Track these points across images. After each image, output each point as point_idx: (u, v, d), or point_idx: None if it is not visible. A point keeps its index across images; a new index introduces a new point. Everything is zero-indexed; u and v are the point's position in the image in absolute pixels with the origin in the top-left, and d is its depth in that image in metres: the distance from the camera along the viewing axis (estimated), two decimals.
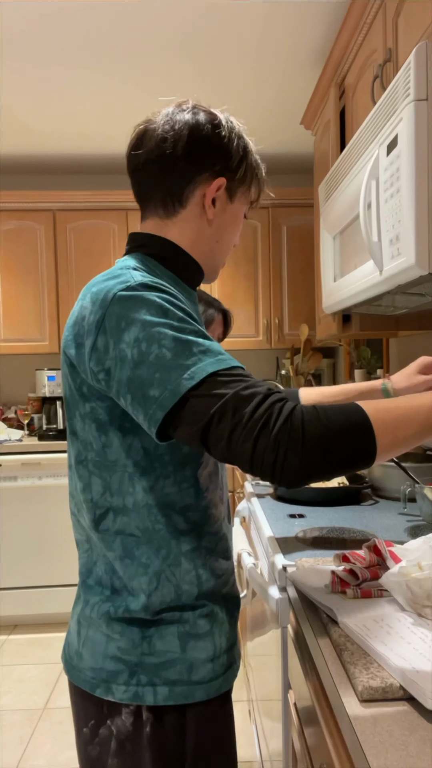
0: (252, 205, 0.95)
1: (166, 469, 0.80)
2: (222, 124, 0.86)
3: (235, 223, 0.93)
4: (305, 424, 0.68)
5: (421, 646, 0.70)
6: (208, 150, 0.85)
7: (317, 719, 0.77)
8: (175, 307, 0.75)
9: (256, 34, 2.12)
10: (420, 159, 1.09)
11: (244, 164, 0.88)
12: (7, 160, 3.35)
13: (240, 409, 0.68)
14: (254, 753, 1.80)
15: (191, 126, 0.84)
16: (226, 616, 0.88)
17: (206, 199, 0.86)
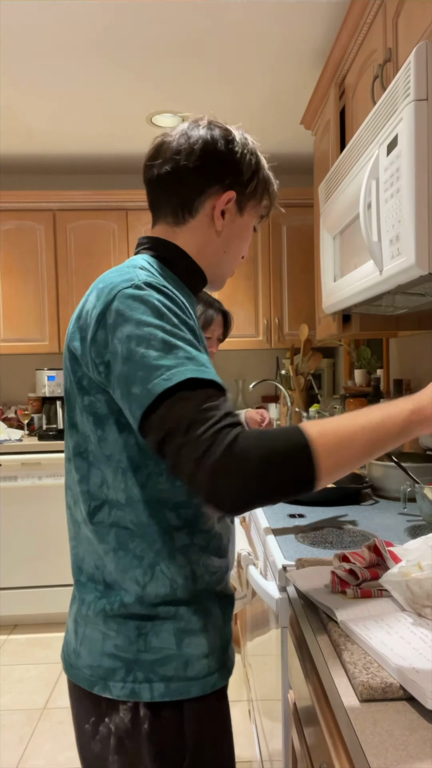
0: (262, 219, 0.99)
1: (159, 466, 0.81)
2: (236, 140, 0.89)
3: (243, 235, 0.96)
4: (244, 451, 0.69)
5: (420, 646, 0.70)
6: (220, 164, 0.88)
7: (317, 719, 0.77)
8: (173, 312, 0.78)
9: (256, 34, 2.12)
10: (420, 159, 1.09)
11: (255, 179, 0.92)
12: (7, 160, 3.35)
13: (192, 430, 0.69)
14: (254, 753, 1.80)
15: (205, 140, 0.88)
16: (220, 612, 0.89)
17: (216, 211, 0.90)
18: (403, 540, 1.19)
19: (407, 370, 2.40)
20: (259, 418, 2.25)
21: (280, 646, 1.12)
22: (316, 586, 0.91)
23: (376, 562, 0.94)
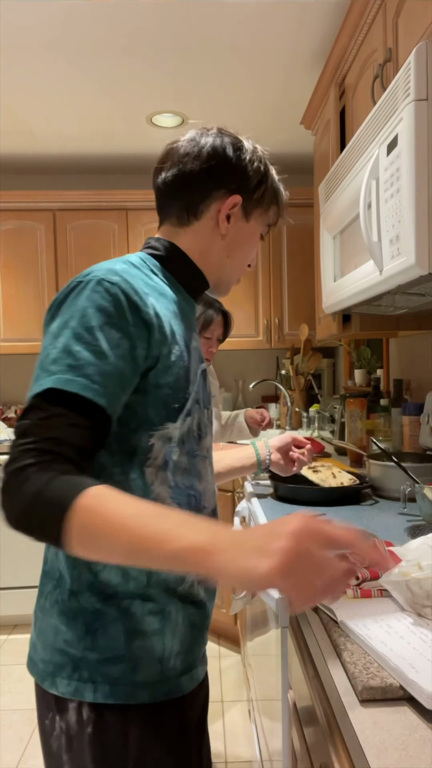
0: (270, 228, 0.99)
1: (113, 457, 0.79)
2: (244, 147, 0.91)
3: (249, 242, 0.95)
4: (24, 482, 0.64)
5: (420, 645, 0.70)
6: (227, 168, 0.89)
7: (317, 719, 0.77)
8: (106, 313, 0.74)
9: (256, 34, 2.12)
10: (420, 159, 1.08)
11: (262, 187, 0.92)
12: (7, 160, 3.35)
13: (18, 439, 0.68)
14: (254, 753, 1.80)
15: (213, 145, 0.89)
16: (183, 619, 0.85)
17: (221, 214, 0.90)
18: (403, 540, 1.19)
19: (407, 370, 2.40)
20: (259, 417, 2.25)
21: (280, 646, 1.12)
22: None
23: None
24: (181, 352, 0.82)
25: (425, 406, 1.88)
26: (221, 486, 2.65)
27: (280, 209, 0.97)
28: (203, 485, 0.89)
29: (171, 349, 0.81)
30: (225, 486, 2.70)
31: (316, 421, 3.06)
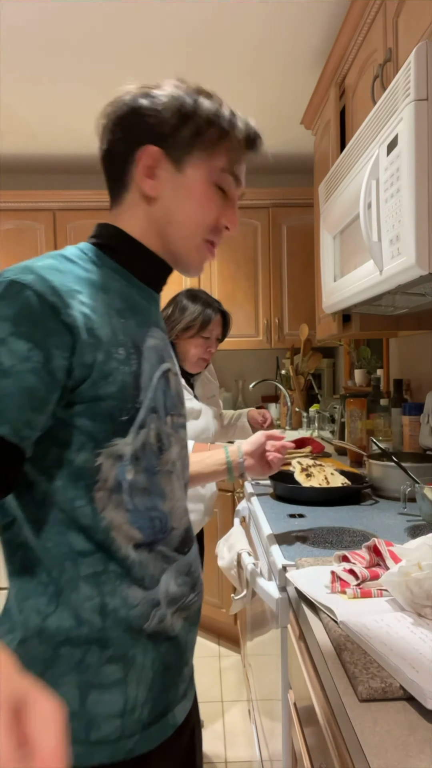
0: (233, 173, 0.80)
1: (55, 483, 0.69)
2: (154, 93, 0.76)
3: (192, 197, 0.78)
4: None
5: (420, 645, 0.70)
6: (139, 121, 0.75)
7: (317, 719, 0.77)
8: (4, 329, 0.63)
9: (256, 34, 2.12)
10: (420, 159, 1.09)
11: (188, 124, 0.75)
12: (7, 160, 3.35)
13: None
14: (254, 753, 1.80)
15: (124, 101, 0.77)
16: (152, 662, 0.74)
17: (138, 172, 0.77)
18: (403, 540, 1.19)
19: (407, 370, 2.40)
20: (261, 418, 2.24)
21: (279, 646, 1.12)
22: (316, 586, 0.91)
23: (376, 562, 0.94)
24: (126, 355, 0.71)
25: (425, 406, 1.88)
26: (220, 486, 2.65)
27: (235, 144, 0.78)
28: (169, 504, 0.78)
29: (110, 353, 0.69)
30: (225, 486, 2.70)
31: (316, 421, 3.07)
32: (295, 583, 0.95)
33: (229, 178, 0.80)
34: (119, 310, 0.74)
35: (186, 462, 0.87)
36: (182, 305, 1.80)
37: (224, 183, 0.80)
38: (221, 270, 3.33)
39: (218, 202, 0.80)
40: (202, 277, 3.32)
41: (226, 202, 0.81)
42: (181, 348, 1.81)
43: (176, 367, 0.86)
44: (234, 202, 0.82)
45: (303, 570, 0.99)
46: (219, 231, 0.82)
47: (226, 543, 1.63)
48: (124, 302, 0.76)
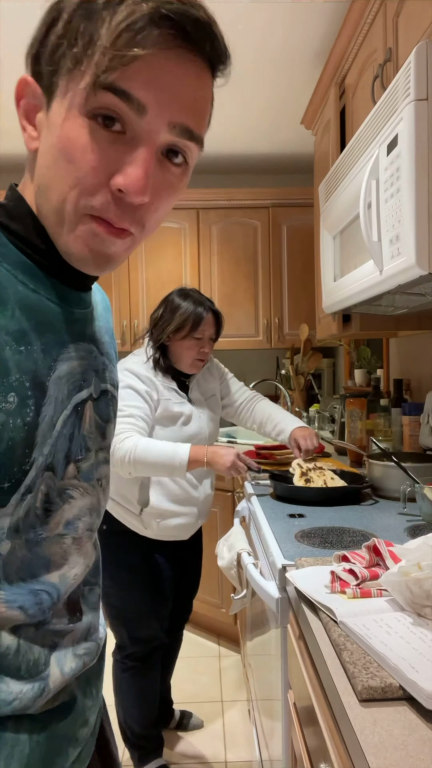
0: (110, 84, 0.48)
1: None
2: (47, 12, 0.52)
3: (56, 144, 0.51)
4: None
5: (420, 645, 0.70)
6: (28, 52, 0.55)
7: (317, 719, 0.77)
8: None
9: (257, 34, 2.12)
10: (420, 159, 1.08)
11: (50, 32, 0.52)
12: (8, 159, 3.35)
13: None
14: (254, 753, 1.80)
15: None
16: (27, 738, 0.58)
17: (20, 120, 0.55)
18: (403, 540, 1.19)
19: (407, 369, 2.40)
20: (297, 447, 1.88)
21: (279, 646, 1.12)
22: (316, 585, 0.91)
23: (376, 562, 0.94)
24: (19, 401, 0.51)
25: (425, 406, 1.88)
26: (220, 486, 2.65)
27: (110, 36, 0.47)
28: (58, 572, 0.61)
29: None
30: (225, 486, 2.70)
31: (316, 421, 3.07)
32: (294, 583, 0.95)
33: (105, 96, 0.48)
34: (18, 333, 0.52)
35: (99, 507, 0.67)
36: (173, 305, 1.74)
37: (103, 107, 0.49)
38: (221, 270, 3.33)
39: (101, 147, 0.50)
40: (202, 276, 3.32)
41: (121, 145, 0.51)
42: (174, 350, 1.75)
43: (107, 382, 0.67)
44: (138, 143, 0.50)
45: (303, 570, 0.99)
46: (111, 198, 0.51)
47: (225, 543, 1.63)
48: (29, 317, 0.53)
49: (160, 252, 3.30)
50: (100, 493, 0.66)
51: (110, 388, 0.68)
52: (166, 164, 0.54)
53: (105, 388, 0.66)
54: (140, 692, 1.83)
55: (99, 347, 0.65)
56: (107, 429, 0.67)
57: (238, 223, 3.32)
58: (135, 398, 1.64)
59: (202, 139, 0.55)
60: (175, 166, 0.55)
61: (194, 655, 2.65)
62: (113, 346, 0.74)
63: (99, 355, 0.65)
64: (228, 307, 3.28)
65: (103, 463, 0.67)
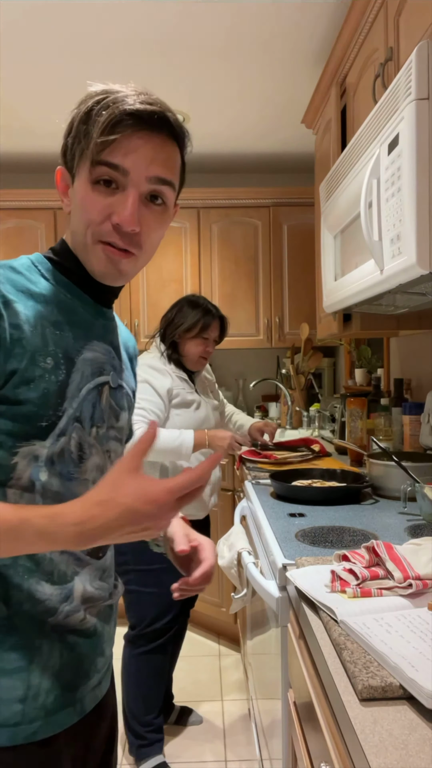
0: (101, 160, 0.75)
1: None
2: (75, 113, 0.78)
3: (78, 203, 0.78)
4: None
5: (420, 644, 0.70)
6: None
7: (317, 718, 0.77)
8: None
9: (257, 34, 2.12)
10: (421, 158, 1.08)
11: (68, 137, 0.79)
12: (8, 158, 3.35)
13: None
14: (254, 752, 1.80)
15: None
16: (60, 652, 0.77)
17: (60, 195, 0.83)
18: (403, 539, 1.20)
19: (408, 369, 2.40)
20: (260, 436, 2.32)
21: (279, 646, 1.12)
22: (316, 585, 0.91)
23: (376, 562, 0.94)
24: (54, 364, 0.74)
25: (425, 406, 1.88)
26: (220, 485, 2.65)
27: (96, 132, 0.74)
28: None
29: (35, 361, 0.72)
30: (225, 485, 2.70)
31: (317, 421, 3.07)
32: (295, 582, 0.95)
33: (100, 168, 0.74)
34: (56, 322, 0.76)
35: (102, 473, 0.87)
36: (184, 311, 2.00)
37: (101, 175, 0.75)
38: (221, 269, 3.33)
39: (102, 199, 0.75)
40: (202, 275, 3.32)
41: (115, 196, 0.75)
42: (183, 347, 2.00)
43: (122, 380, 0.88)
44: (126, 193, 0.75)
45: (303, 569, 0.99)
46: (113, 229, 0.76)
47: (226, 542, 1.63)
48: (65, 315, 0.78)
49: (161, 251, 3.30)
50: (108, 464, 0.84)
51: (125, 385, 0.90)
52: (150, 205, 0.78)
53: (120, 384, 0.87)
54: (149, 674, 1.90)
55: (117, 353, 0.88)
56: (120, 414, 0.87)
57: (239, 223, 3.32)
58: (150, 393, 1.87)
59: (172, 182, 0.79)
60: (156, 205, 0.79)
61: (194, 654, 2.65)
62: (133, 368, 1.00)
63: (116, 359, 0.87)
64: (228, 307, 3.28)
65: (113, 440, 0.86)
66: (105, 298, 0.85)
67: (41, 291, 0.76)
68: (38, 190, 3.25)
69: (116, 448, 0.87)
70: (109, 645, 0.88)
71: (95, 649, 0.83)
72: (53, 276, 0.80)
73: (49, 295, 0.77)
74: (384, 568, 0.91)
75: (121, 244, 0.77)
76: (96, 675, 0.84)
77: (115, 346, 0.88)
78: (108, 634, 0.87)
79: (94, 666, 0.83)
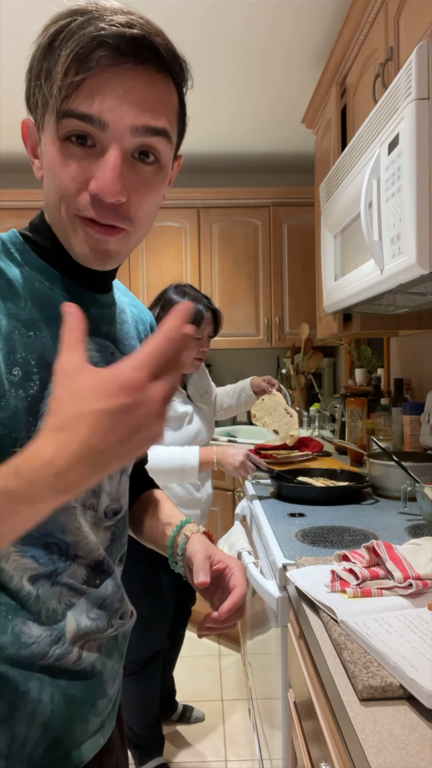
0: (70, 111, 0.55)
1: None
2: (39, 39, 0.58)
3: (47, 166, 0.60)
4: None
5: (421, 644, 0.70)
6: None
7: (317, 718, 0.77)
8: None
9: (258, 33, 2.12)
10: (421, 158, 1.08)
11: (30, 76, 0.60)
12: (8, 158, 3.35)
13: None
14: (254, 752, 1.80)
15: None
16: (50, 696, 0.65)
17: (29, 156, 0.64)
18: (403, 539, 1.20)
19: (408, 369, 2.40)
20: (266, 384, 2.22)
21: (280, 645, 1.12)
22: (316, 585, 0.91)
23: (376, 562, 0.94)
24: (24, 375, 0.59)
25: (426, 406, 1.88)
26: (220, 485, 2.65)
27: (61, 66, 0.55)
28: (72, 538, 0.67)
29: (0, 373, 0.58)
30: (225, 485, 2.70)
31: (317, 420, 3.07)
32: (295, 582, 0.95)
33: (69, 121, 0.56)
34: (28, 320, 0.61)
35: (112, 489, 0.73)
36: (171, 303, 1.75)
37: (71, 130, 0.56)
38: (221, 269, 3.33)
39: (75, 162, 0.57)
40: (203, 275, 3.32)
41: (93, 156, 0.57)
42: None
43: None
44: (106, 152, 0.57)
45: (303, 569, 0.99)
46: (92, 201, 0.58)
47: (226, 542, 1.63)
48: (41, 310, 0.62)
49: (161, 251, 3.30)
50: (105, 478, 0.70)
51: None
52: (138, 165, 0.59)
53: None
54: (141, 696, 1.83)
55: (119, 346, 0.72)
56: None
57: (239, 222, 3.32)
58: None
59: (165, 131, 0.59)
60: (146, 164, 0.60)
61: (194, 654, 2.65)
62: None
63: (117, 353, 0.71)
64: (228, 306, 3.29)
65: None
66: (96, 282, 0.68)
67: (10, 280, 0.61)
68: (38, 190, 3.24)
69: None
70: (112, 683, 0.74)
71: (94, 692, 0.70)
72: (27, 259, 0.63)
73: (21, 286, 0.61)
74: (384, 568, 0.91)
75: (105, 219, 0.58)
76: (96, 719, 0.71)
77: (115, 338, 0.72)
78: (111, 671, 0.74)
79: (94, 710, 0.70)
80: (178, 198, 3.21)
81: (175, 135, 0.63)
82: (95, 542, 0.70)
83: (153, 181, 0.61)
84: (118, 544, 0.75)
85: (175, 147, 0.64)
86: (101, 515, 0.71)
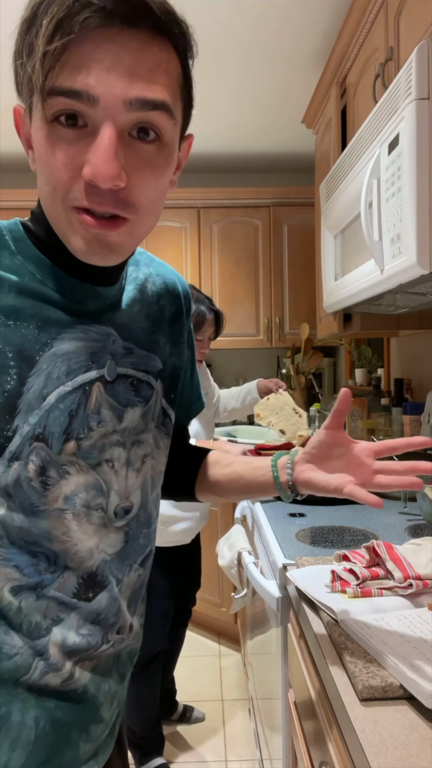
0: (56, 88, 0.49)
1: None
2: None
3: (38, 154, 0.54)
4: None
5: (421, 645, 0.70)
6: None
7: (317, 718, 0.77)
8: None
9: (258, 33, 2.12)
10: (421, 158, 1.08)
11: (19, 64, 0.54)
12: (8, 158, 3.35)
13: None
14: (254, 752, 1.80)
15: None
16: (34, 720, 0.60)
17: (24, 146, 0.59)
18: (403, 539, 1.20)
19: (408, 369, 2.40)
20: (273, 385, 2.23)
21: (280, 645, 1.12)
22: (316, 585, 0.91)
23: (376, 562, 0.94)
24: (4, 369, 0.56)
25: (426, 406, 1.88)
26: None
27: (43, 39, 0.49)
28: (60, 546, 0.62)
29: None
30: None
31: (317, 420, 3.06)
32: (295, 582, 0.95)
33: (55, 99, 0.50)
34: (9, 309, 0.57)
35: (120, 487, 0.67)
36: None
37: (58, 110, 0.50)
38: (222, 269, 3.33)
39: (66, 146, 0.51)
40: (203, 275, 3.32)
41: (85, 138, 0.51)
42: None
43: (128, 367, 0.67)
44: (99, 131, 0.51)
45: (303, 569, 1.00)
46: (88, 189, 0.52)
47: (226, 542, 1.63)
48: (26, 301, 0.58)
49: (161, 251, 3.30)
50: (112, 475, 0.65)
51: (134, 372, 0.67)
52: (137, 144, 0.53)
53: (124, 372, 0.66)
54: (141, 697, 1.83)
55: (122, 333, 0.66)
56: (125, 413, 0.66)
57: (239, 222, 3.32)
58: None
59: (164, 104, 0.53)
60: (146, 143, 0.53)
61: (195, 654, 2.65)
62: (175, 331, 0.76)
63: (120, 340, 0.66)
64: (229, 306, 3.28)
65: (117, 446, 0.65)
66: (101, 275, 0.62)
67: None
68: None
69: (120, 455, 0.66)
70: (109, 707, 0.68)
71: (84, 715, 0.64)
72: (22, 248, 0.59)
73: (6, 272, 0.58)
74: (384, 568, 0.91)
75: (103, 207, 0.53)
76: (87, 745, 0.65)
77: (120, 323, 0.66)
78: (107, 693, 0.67)
79: (85, 735, 0.64)
80: (179, 198, 3.21)
81: (179, 110, 0.57)
82: (88, 550, 0.64)
83: (155, 161, 0.54)
84: (134, 545, 0.69)
85: (181, 124, 0.58)
86: (111, 515, 0.65)
